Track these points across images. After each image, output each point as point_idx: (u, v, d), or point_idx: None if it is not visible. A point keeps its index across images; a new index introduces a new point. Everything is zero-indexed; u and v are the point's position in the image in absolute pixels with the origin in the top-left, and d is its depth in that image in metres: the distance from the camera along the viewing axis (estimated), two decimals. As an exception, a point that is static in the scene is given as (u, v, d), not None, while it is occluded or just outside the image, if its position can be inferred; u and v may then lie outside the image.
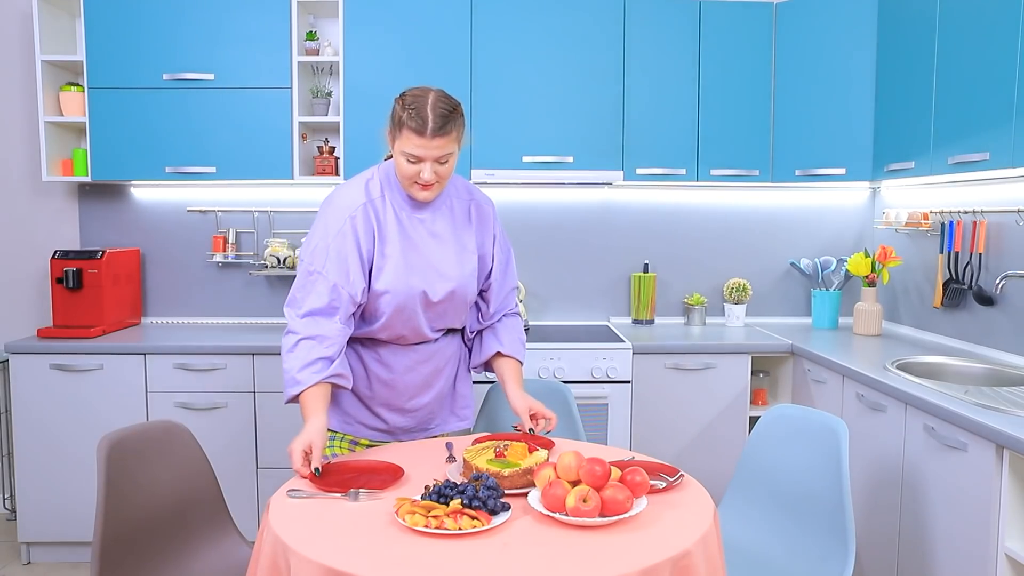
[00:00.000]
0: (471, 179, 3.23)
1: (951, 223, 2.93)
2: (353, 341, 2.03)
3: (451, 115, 1.84)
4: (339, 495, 1.69)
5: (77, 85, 3.28)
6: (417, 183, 1.87)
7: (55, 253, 3.20)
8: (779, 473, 2.14)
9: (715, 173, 3.32)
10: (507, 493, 1.68)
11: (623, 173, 3.29)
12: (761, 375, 3.25)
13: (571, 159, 3.28)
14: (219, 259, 3.51)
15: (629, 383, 3.06)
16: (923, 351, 2.87)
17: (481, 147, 3.25)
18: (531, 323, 3.60)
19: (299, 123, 3.24)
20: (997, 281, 2.52)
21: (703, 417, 3.10)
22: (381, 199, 1.94)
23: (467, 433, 2.23)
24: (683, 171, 3.31)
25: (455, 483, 1.60)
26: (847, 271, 3.44)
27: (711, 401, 3.10)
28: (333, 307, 1.87)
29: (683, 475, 1.83)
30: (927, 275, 3.18)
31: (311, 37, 3.33)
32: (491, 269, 2.09)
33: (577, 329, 3.43)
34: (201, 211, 3.56)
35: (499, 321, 2.15)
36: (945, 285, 2.96)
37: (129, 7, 3.16)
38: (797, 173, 3.29)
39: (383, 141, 1.94)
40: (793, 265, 3.63)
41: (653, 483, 1.76)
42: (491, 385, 2.54)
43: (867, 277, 3.28)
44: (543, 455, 1.79)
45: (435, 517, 1.50)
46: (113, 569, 1.73)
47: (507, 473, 1.69)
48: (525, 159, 3.26)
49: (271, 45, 3.19)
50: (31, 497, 3.05)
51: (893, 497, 2.34)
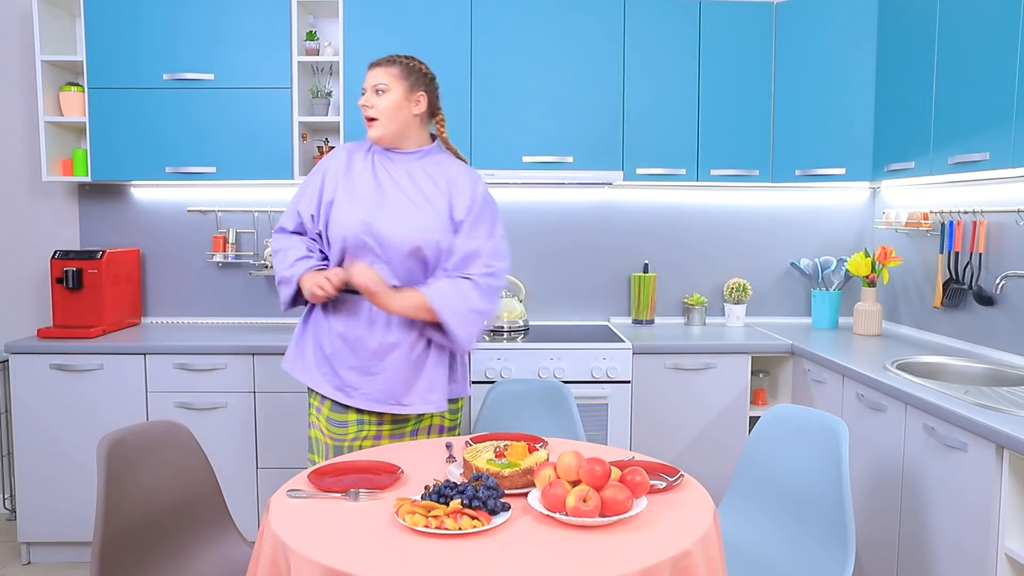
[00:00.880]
0: (471, 179, 3.23)
1: (951, 223, 2.93)
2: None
3: (399, 57, 2.15)
4: (339, 495, 1.70)
5: (77, 85, 3.28)
6: (365, 116, 2.14)
7: (55, 253, 3.20)
8: (779, 473, 2.14)
9: (715, 173, 3.32)
10: (507, 493, 1.68)
11: (623, 173, 3.29)
12: (761, 375, 3.25)
13: (571, 159, 3.28)
14: (219, 259, 3.51)
15: (629, 383, 3.06)
16: (923, 351, 2.87)
17: (481, 147, 3.25)
18: (531, 323, 3.60)
19: (299, 123, 3.24)
20: (997, 281, 2.52)
21: (703, 417, 3.10)
22: (365, 152, 2.20)
23: (442, 419, 2.27)
24: (683, 171, 3.31)
25: (455, 483, 1.60)
26: (847, 271, 3.44)
27: (711, 401, 3.10)
28: (298, 224, 2.20)
29: (683, 475, 1.83)
30: (927, 275, 3.18)
31: (311, 37, 3.33)
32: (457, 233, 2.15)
33: (577, 329, 3.43)
34: (201, 211, 3.56)
35: (446, 276, 2.12)
36: (945, 285, 2.96)
37: (129, 7, 3.16)
38: (797, 173, 3.29)
39: None
40: (793, 265, 3.63)
41: (653, 483, 1.76)
42: (491, 385, 2.54)
43: (867, 277, 3.28)
44: (543, 455, 1.79)
45: (435, 517, 1.51)
46: (113, 569, 1.73)
47: (507, 473, 1.69)
48: (525, 159, 3.26)
49: (271, 45, 3.19)
50: (31, 497, 3.05)
51: (893, 497, 2.34)
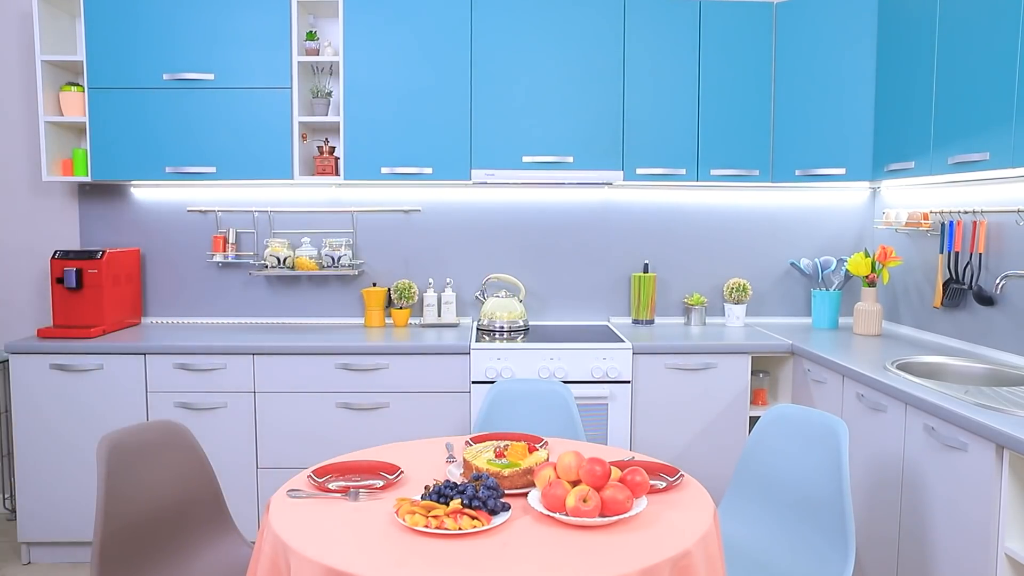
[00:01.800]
0: (471, 179, 3.23)
1: (951, 223, 2.93)
2: None
3: None
4: (339, 495, 1.70)
5: (77, 85, 3.28)
6: None
7: (55, 253, 3.20)
8: (779, 473, 2.14)
9: (715, 173, 3.32)
10: (507, 493, 1.69)
11: (623, 173, 3.29)
12: (761, 375, 3.25)
13: (571, 159, 3.28)
14: (219, 259, 3.51)
15: (629, 383, 3.06)
16: (923, 351, 2.87)
17: (481, 147, 3.25)
18: (531, 323, 3.60)
19: (299, 123, 3.24)
20: (997, 281, 2.52)
21: (703, 417, 3.10)
22: None
23: None
24: (683, 171, 3.31)
25: (455, 483, 1.60)
26: (847, 271, 3.44)
27: (711, 401, 3.10)
28: None
29: (683, 475, 1.83)
30: (927, 275, 3.18)
31: (311, 37, 3.33)
32: None
33: (577, 329, 3.43)
34: (201, 211, 3.56)
35: None
36: (945, 285, 2.96)
37: (129, 7, 3.16)
38: (797, 173, 3.29)
39: (383, 142, 1.96)
40: (793, 265, 3.63)
41: (653, 483, 1.76)
42: (491, 385, 2.54)
43: (867, 277, 3.28)
44: (543, 455, 1.80)
45: (435, 517, 1.51)
46: (113, 569, 1.73)
47: (507, 473, 1.69)
48: (525, 159, 3.27)
49: (271, 45, 3.19)
50: (31, 497, 3.05)
51: (893, 497, 2.34)
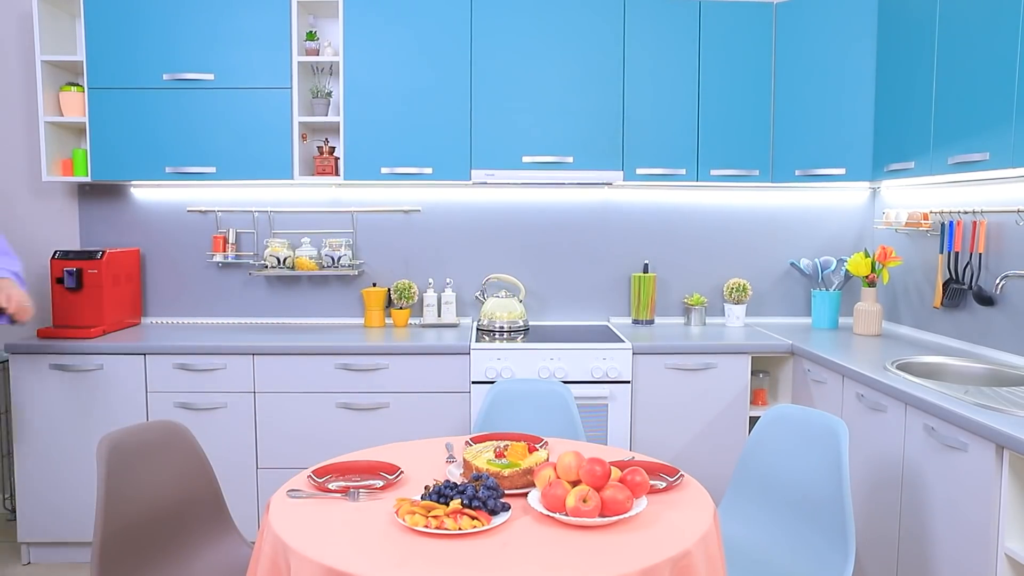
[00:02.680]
0: (471, 179, 3.24)
1: (951, 223, 2.93)
2: None
3: None
4: (339, 495, 1.70)
5: (77, 85, 3.28)
6: None
7: (55, 253, 3.20)
8: (779, 473, 2.14)
9: (715, 173, 3.32)
10: (507, 493, 1.69)
11: (623, 173, 3.29)
12: (761, 375, 3.25)
13: (571, 159, 3.28)
14: (219, 259, 3.51)
15: (629, 383, 3.06)
16: (923, 351, 2.87)
17: (481, 147, 3.25)
18: (531, 323, 3.60)
19: (299, 123, 3.24)
20: (997, 281, 2.52)
21: (703, 417, 3.10)
22: None
23: None
24: (683, 171, 3.31)
25: (455, 483, 1.60)
26: (847, 271, 3.44)
27: (711, 401, 3.10)
28: None
29: (683, 475, 1.83)
30: (927, 275, 3.18)
31: (311, 37, 3.33)
32: None
33: (577, 329, 3.43)
34: (201, 211, 3.56)
35: None
36: (945, 285, 2.96)
37: (129, 7, 3.16)
38: (797, 173, 3.29)
39: (383, 142, 1.97)
40: (793, 265, 3.63)
41: (653, 483, 1.76)
42: (491, 385, 2.54)
43: (867, 277, 3.28)
44: (543, 455, 1.80)
45: (435, 517, 1.51)
46: (113, 569, 1.73)
47: (507, 473, 1.69)
48: (525, 159, 3.27)
49: (271, 45, 3.19)
50: (31, 497, 3.05)
51: (893, 497, 2.34)
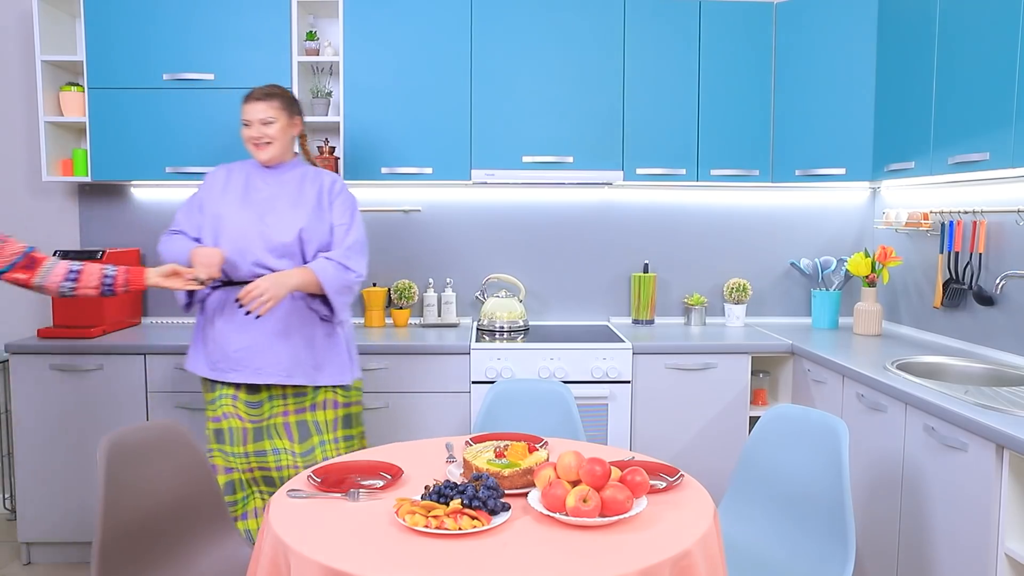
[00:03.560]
0: (471, 179, 3.24)
1: (951, 223, 2.93)
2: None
3: (275, 91, 2.49)
4: (339, 495, 1.70)
5: (77, 85, 3.28)
6: (253, 143, 2.47)
7: (55, 253, 3.19)
8: (779, 473, 2.14)
9: (715, 173, 3.32)
10: (507, 493, 1.69)
11: (623, 173, 3.29)
12: (761, 375, 3.25)
13: (571, 159, 3.28)
14: (219, 259, 3.50)
15: (629, 383, 3.06)
16: (923, 351, 2.87)
17: (481, 147, 3.25)
18: (531, 323, 3.60)
19: (299, 123, 3.24)
20: (997, 281, 2.52)
21: (703, 417, 3.10)
22: (238, 170, 2.55)
23: (335, 394, 2.54)
24: (683, 171, 3.31)
25: (455, 483, 1.60)
26: (847, 271, 3.44)
27: (711, 401, 3.10)
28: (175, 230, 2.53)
29: (683, 475, 1.83)
30: (927, 275, 3.18)
31: (311, 37, 3.33)
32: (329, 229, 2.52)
33: (577, 329, 3.43)
34: (201, 211, 3.56)
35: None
36: (945, 285, 2.96)
37: (129, 7, 3.16)
38: (797, 173, 3.29)
39: (383, 141, 1.99)
40: (793, 265, 3.63)
41: (653, 483, 1.76)
42: (491, 385, 2.54)
43: (867, 277, 3.28)
44: (543, 455, 1.80)
45: (435, 517, 1.51)
46: (113, 569, 1.73)
47: (507, 473, 1.69)
48: (525, 159, 3.26)
49: (271, 45, 3.19)
50: (31, 497, 3.05)
51: (893, 497, 2.34)
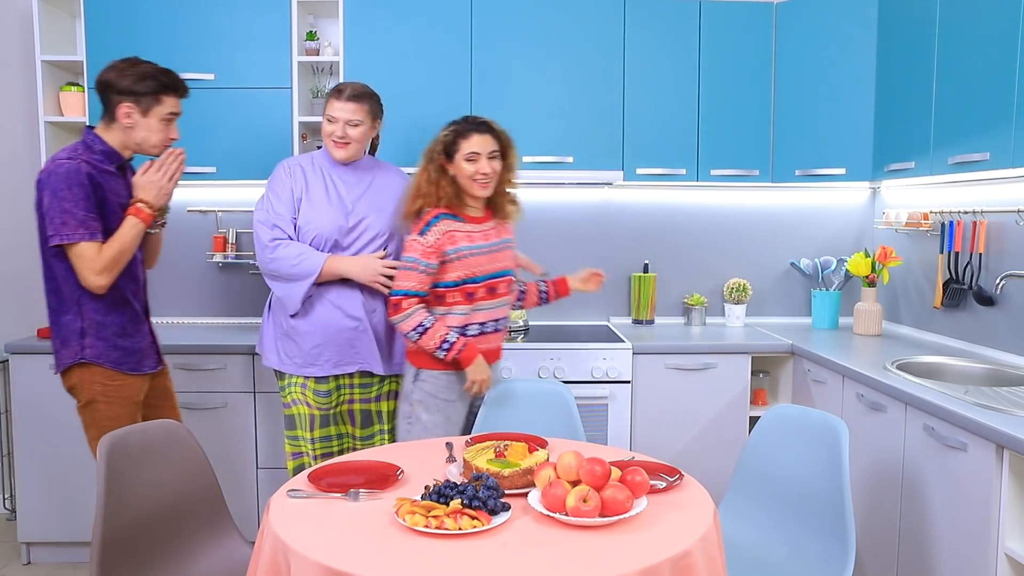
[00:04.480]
0: (471, 179, 3.23)
1: (951, 223, 2.93)
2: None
3: (365, 93, 2.48)
4: (339, 495, 1.70)
5: (77, 85, 3.28)
6: (334, 141, 2.46)
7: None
8: (779, 473, 2.14)
9: (715, 173, 3.32)
10: (507, 493, 1.69)
11: (623, 173, 3.29)
12: (761, 375, 3.25)
13: (571, 159, 3.28)
14: (219, 259, 3.51)
15: (629, 383, 3.05)
16: (923, 351, 2.87)
17: (481, 147, 3.25)
18: (531, 323, 3.60)
19: (299, 123, 3.24)
20: (997, 281, 2.52)
21: (703, 417, 3.10)
22: (310, 165, 2.55)
23: (398, 386, 2.57)
24: (683, 171, 3.31)
25: (455, 483, 1.60)
26: (847, 271, 3.44)
27: (711, 401, 3.10)
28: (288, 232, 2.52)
29: (683, 475, 1.83)
30: (927, 275, 3.18)
31: (311, 37, 3.33)
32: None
33: (577, 329, 3.43)
34: (201, 211, 3.56)
35: None
36: (945, 285, 2.96)
37: (129, 7, 3.16)
38: (797, 173, 3.29)
39: (383, 141, 2.05)
40: (793, 265, 3.63)
41: (653, 483, 1.76)
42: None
43: (867, 277, 3.28)
44: (543, 455, 1.80)
45: (435, 517, 1.51)
46: (113, 569, 1.73)
47: (507, 473, 1.69)
48: (525, 159, 3.25)
49: (271, 45, 3.19)
50: (31, 497, 3.05)
51: (893, 497, 2.34)
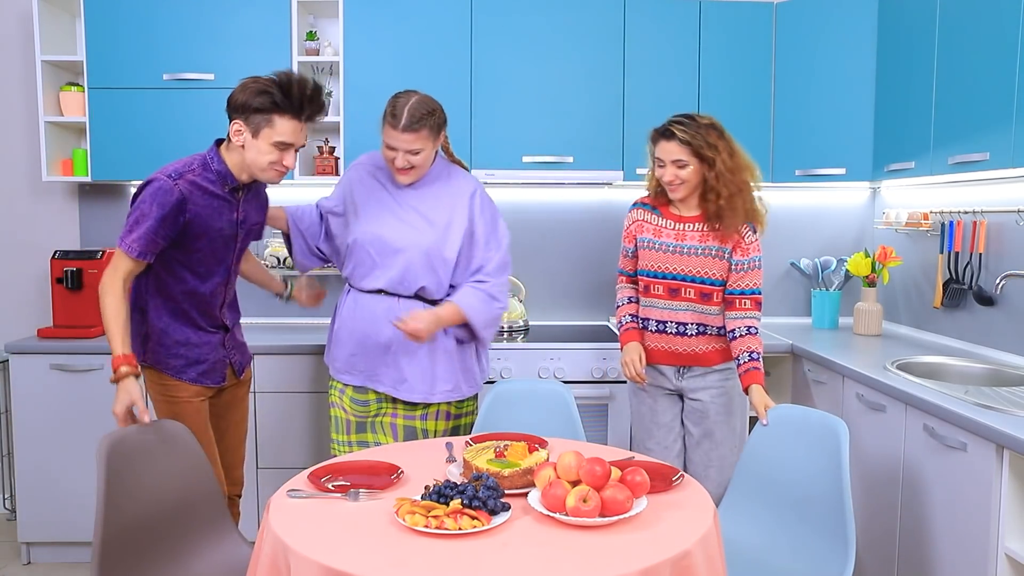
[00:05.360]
0: (471, 179, 3.23)
1: (951, 223, 2.93)
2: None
3: (426, 117, 2.23)
4: (339, 495, 1.70)
5: (77, 85, 3.28)
6: (396, 167, 2.29)
7: (55, 253, 3.19)
8: (780, 473, 2.14)
9: (715, 173, 3.31)
10: (507, 493, 1.68)
11: (623, 173, 3.29)
12: (761, 375, 3.25)
13: (571, 159, 3.28)
14: (219, 259, 3.50)
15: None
16: (923, 351, 2.87)
17: (481, 147, 3.25)
18: (531, 323, 3.60)
19: (299, 123, 3.23)
20: (997, 281, 2.52)
21: (703, 417, 3.10)
22: (376, 169, 2.42)
23: (448, 406, 2.44)
24: (683, 171, 3.31)
25: (455, 483, 1.60)
26: (847, 271, 3.44)
27: (711, 401, 3.09)
28: (324, 213, 2.50)
29: (683, 475, 1.83)
30: (927, 275, 3.18)
31: (311, 37, 3.33)
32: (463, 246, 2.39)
33: (577, 329, 3.43)
34: (201, 211, 3.56)
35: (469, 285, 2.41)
36: (945, 285, 2.96)
37: (129, 7, 3.16)
38: (797, 173, 3.29)
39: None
40: (793, 265, 3.63)
41: (653, 483, 1.76)
42: (490, 385, 2.54)
43: (867, 277, 3.28)
44: (543, 455, 1.80)
45: (435, 517, 1.51)
46: (113, 569, 1.73)
47: (507, 473, 1.69)
48: (525, 159, 3.26)
49: (271, 45, 3.19)
50: (31, 497, 3.05)
51: (893, 497, 2.34)
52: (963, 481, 2.01)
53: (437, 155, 2.42)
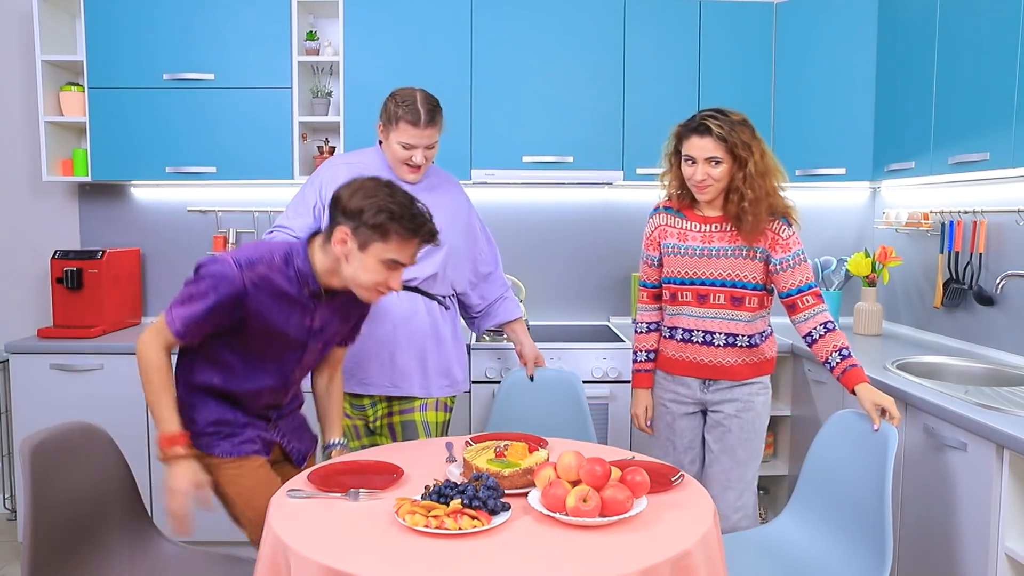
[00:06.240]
0: (471, 179, 3.23)
1: (951, 223, 2.93)
2: None
3: (436, 109, 2.29)
4: (339, 495, 1.70)
5: (77, 85, 3.28)
6: (408, 166, 2.28)
7: (55, 253, 3.19)
8: (834, 481, 2.10)
9: (715, 173, 3.31)
10: (507, 493, 1.68)
11: (623, 173, 3.28)
12: (761, 375, 3.25)
13: (571, 159, 3.28)
14: (219, 259, 3.50)
15: (629, 383, 3.05)
16: (923, 351, 2.87)
17: (481, 147, 3.25)
18: (531, 323, 3.60)
19: (299, 123, 3.24)
20: (997, 281, 2.52)
21: (703, 417, 3.10)
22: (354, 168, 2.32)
23: (446, 398, 2.48)
24: (683, 171, 3.31)
25: (455, 483, 1.60)
26: (847, 271, 3.44)
27: (711, 401, 3.09)
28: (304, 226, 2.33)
29: (683, 475, 1.83)
30: (927, 275, 3.18)
31: (311, 37, 3.33)
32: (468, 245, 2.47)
33: (577, 329, 3.43)
34: (201, 211, 3.56)
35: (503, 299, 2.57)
36: (945, 285, 2.96)
37: (129, 7, 3.16)
38: (797, 173, 3.28)
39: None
40: (793, 265, 3.62)
41: (653, 483, 1.76)
42: (493, 386, 2.54)
43: (867, 277, 3.28)
44: (543, 455, 1.80)
45: (435, 517, 1.51)
46: (43, 570, 1.70)
47: (507, 473, 1.69)
48: (525, 159, 3.26)
49: (271, 45, 3.19)
50: (31, 497, 3.05)
51: (893, 497, 2.33)
52: (963, 481, 2.00)
53: None
